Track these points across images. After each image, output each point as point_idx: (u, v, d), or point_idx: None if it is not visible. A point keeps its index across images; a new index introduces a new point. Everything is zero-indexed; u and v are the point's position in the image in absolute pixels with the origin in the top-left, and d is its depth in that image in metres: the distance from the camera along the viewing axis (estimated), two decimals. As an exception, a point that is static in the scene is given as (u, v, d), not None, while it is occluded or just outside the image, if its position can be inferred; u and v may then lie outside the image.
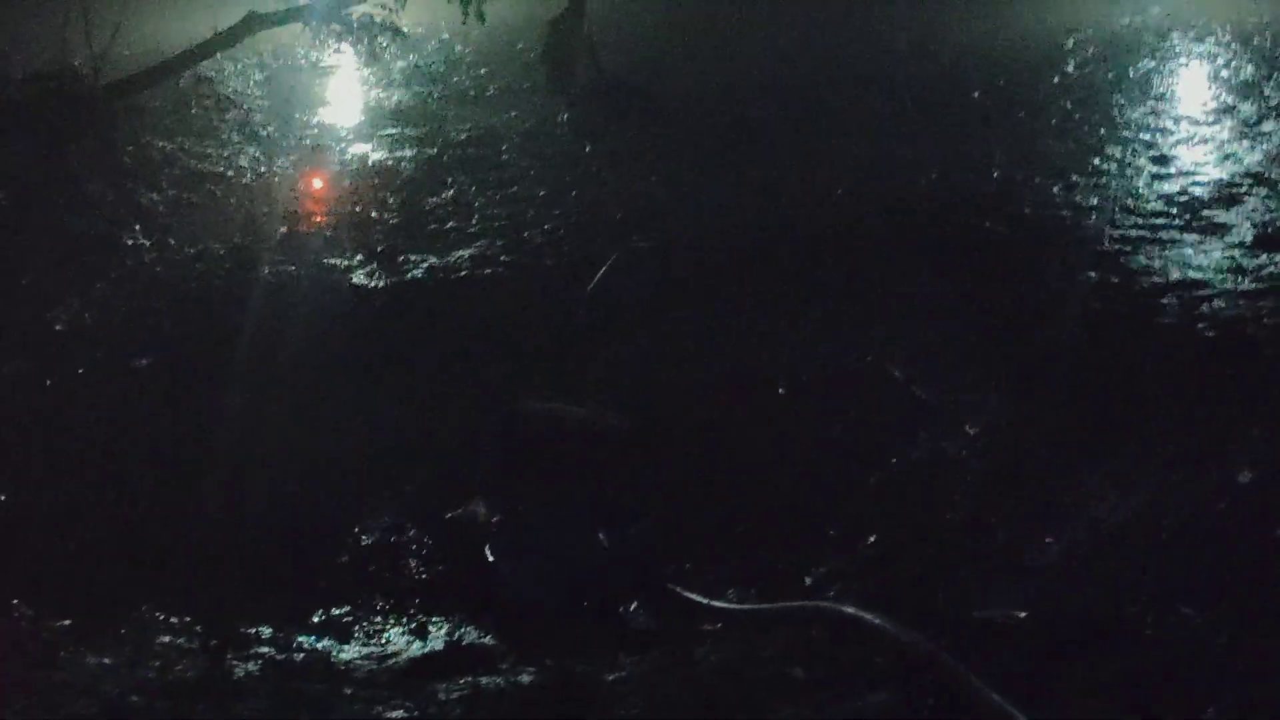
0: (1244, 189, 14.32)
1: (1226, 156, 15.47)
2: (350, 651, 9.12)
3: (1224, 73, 18.10)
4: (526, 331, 13.13)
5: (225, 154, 18.02)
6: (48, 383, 11.92)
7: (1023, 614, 8.51)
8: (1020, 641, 7.82)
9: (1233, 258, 12.72)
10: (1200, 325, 11.56)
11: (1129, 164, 15.75)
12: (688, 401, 11.89)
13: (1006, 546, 9.25)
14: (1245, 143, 15.67)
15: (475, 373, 12.37)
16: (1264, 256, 12.62)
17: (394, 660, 9.02)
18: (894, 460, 10.86)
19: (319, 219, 16.36)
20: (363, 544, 10.54)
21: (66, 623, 8.81)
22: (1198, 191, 14.55)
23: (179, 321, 13.36)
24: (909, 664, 7.83)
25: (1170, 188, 14.81)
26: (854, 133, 17.70)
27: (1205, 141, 16.08)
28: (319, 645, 9.17)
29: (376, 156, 18.47)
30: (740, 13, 24.60)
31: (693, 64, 21.52)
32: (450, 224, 15.89)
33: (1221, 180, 14.76)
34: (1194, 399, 10.46)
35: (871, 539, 9.90)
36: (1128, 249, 13.30)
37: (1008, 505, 9.83)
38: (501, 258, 14.76)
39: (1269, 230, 13.19)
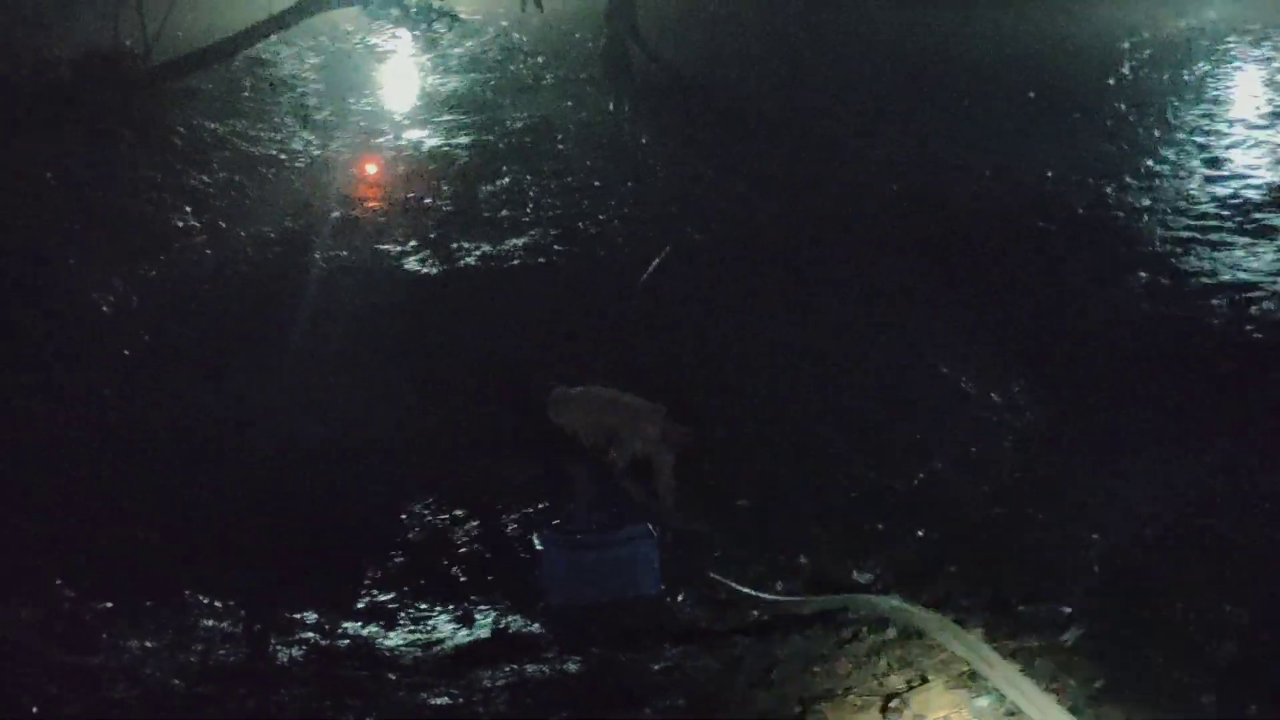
0: (1297, 192, 14.31)
1: (1279, 160, 15.42)
2: (395, 638, 9.17)
3: (1279, 77, 18.02)
4: (578, 322, 13.16)
5: (278, 137, 18.09)
6: (94, 366, 11.98)
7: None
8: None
9: (1283, 261, 12.73)
10: (1249, 327, 11.55)
11: (1182, 166, 15.73)
12: (734, 393, 11.94)
13: (1048, 544, 9.27)
14: (1300, 147, 15.64)
15: (525, 363, 12.40)
16: (1315, 260, 12.62)
17: (439, 648, 9.07)
18: (939, 455, 10.88)
19: (372, 204, 16.42)
20: (409, 530, 10.59)
21: (108, 605, 8.86)
22: (1250, 194, 14.53)
23: (228, 305, 13.43)
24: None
25: (1222, 190, 14.78)
26: (911, 130, 17.70)
27: (1259, 145, 16.03)
28: (363, 632, 9.22)
29: (432, 143, 18.52)
30: (796, 6, 24.57)
31: (749, 57, 21.52)
32: (504, 212, 15.94)
33: (1274, 183, 14.73)
34: (1241, 400, 10.46)
35: (919, 533, 9.93)
36: (1179, 250, 13.29)
37: (1051, 502, 9.85)
38: (555, 247, 14.81)
39: (1320, 234, 13.18)
